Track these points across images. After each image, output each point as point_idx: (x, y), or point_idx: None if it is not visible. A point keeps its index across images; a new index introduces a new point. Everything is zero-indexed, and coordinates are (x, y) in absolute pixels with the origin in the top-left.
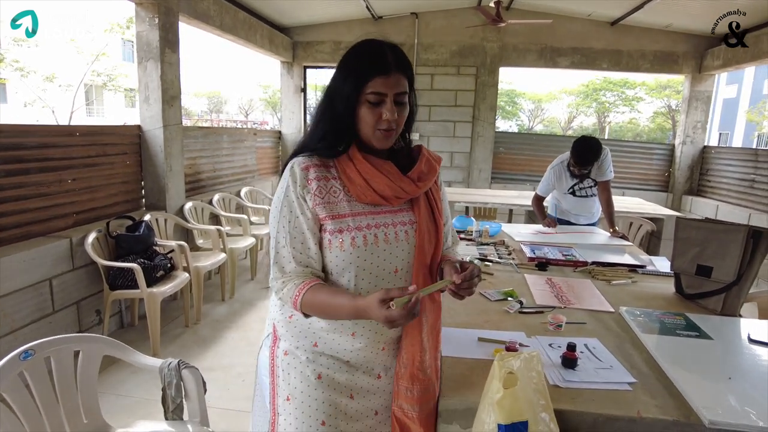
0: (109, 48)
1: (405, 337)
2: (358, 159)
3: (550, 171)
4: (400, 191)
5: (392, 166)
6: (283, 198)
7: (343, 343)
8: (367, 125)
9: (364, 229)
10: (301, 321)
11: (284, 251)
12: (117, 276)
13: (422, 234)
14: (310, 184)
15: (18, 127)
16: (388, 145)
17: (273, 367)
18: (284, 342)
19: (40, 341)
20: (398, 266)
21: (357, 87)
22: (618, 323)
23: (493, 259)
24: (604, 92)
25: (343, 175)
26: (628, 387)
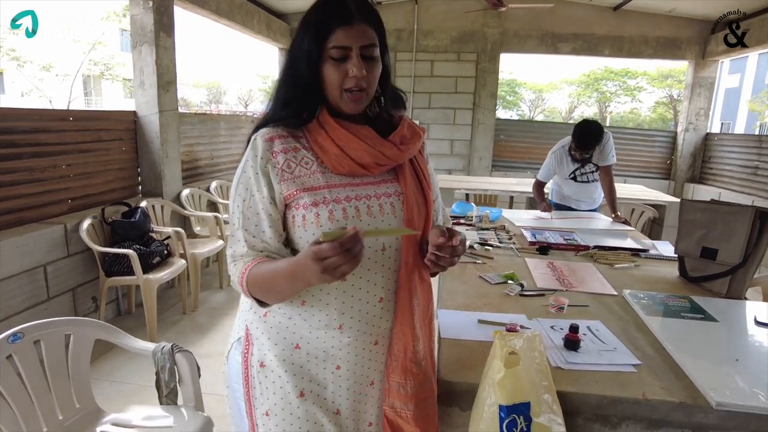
0: (106, 37)
1: (395, 325)
2: (330, 125)
3: (551, 156)
4: (381, 157)
5: (370, 131)
6: (240, 174)
7: (329, 340)
8: (332, 86)
9: (343, 201)
10: (278, 318)
11: (238, 234)
12: (113, 262)
13: (410, 206)
14: (276, 158)
15: (9, 111)
16: (359, 108)
17: (247, 378)
18: (259, 349)
19: (28, 324)
20: (385, 242)
21: (318, 42)
22: (621, 306)
23: (493, 244)
24: (606, 82)
25: (315, 145)
26: (633, 369)
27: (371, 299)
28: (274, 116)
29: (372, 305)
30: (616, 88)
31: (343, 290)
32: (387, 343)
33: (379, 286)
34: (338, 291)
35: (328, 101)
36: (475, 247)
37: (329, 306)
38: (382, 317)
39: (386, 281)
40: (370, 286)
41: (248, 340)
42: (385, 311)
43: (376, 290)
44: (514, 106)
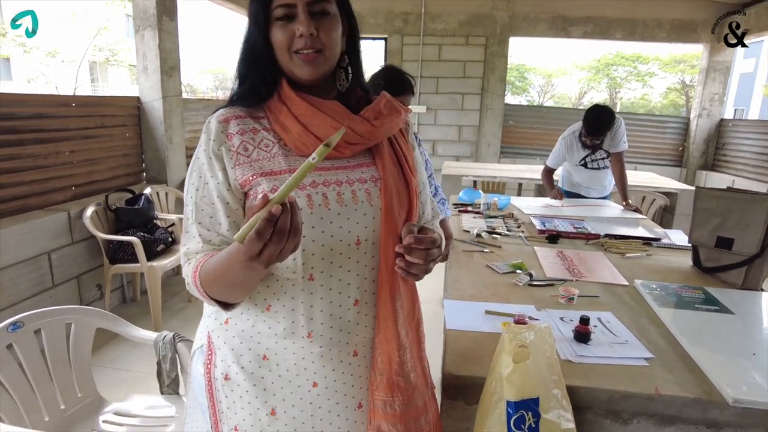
0: (111, 22)
1: (377, 332)
2: (292, 99)
3: (560, 142)
4: (350, 134)
5: (337, 104)
6: (193, 161)
7: (298, 351)
8: (281, 50)
9: (308, 187)
10: (241, 325)
11: (192, 228)
12: (117, 250)
13: (389, 193)
14: (231, 140)
15: (11, 96)
16: (315, 72)
17: (211, 391)
18: (222, 360)
19: (28, 313)
20: (360, 235)
21: (263, 4)
22: (633, 297)
23: (501, 232)
24: (616, 67)
25: (277, 125)
26: (645, 362)
27: (344, 302)
28: (233, 95)
29: (345, 309)
30: (627, 74)
31: (310, 291)
32: (370, 354)
33: (354, 286)
34: (304, 293)
35: (285, 72)
36: (482, 235)
37: (294, 311)
38: (359, 323)
39: (362, 281)
40: (342, 286)
41: (210, 349)
42: (363, 316)
43: (349, 291)
44: (523, 91)
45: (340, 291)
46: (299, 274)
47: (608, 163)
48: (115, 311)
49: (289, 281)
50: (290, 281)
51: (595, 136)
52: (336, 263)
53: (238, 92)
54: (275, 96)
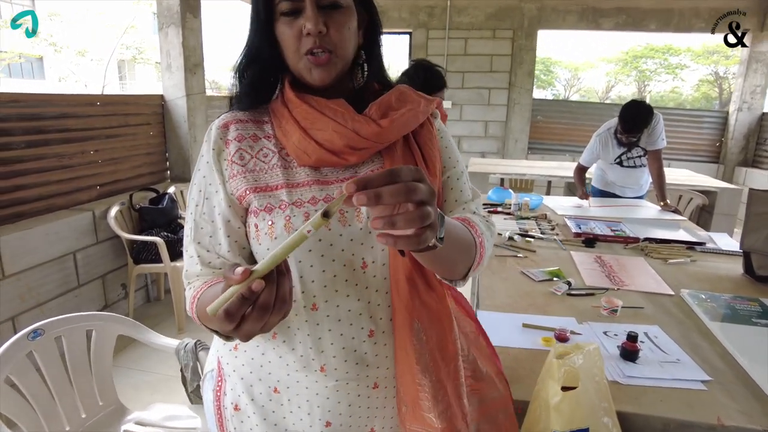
0: (137, 21)
1: (397, 366)
2: (292, 102)
3: (595, 139)
4: (355, 138)
5: (341, 103)
6: (195, 174)
7: (312, 385)
8: (289, 50)
9: (306, 204)
10: (251, 352)
11: (191, 248)
12: (141, 250)
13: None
14: (228, 147)
15: (37, 96)
16: (327, 76)
17: (221, 420)
18: (232, 388)
19: (49, 320)
20: (366, 257)
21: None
22: (680, 308)
23: (535, 235)
24: (645, 60)
25: (279, 131)
26: (702, 386)
27: (357, 333)
28: (231, 96)
29: (360, 341)
30: (657, 66)
31: (316, 323)
32: (392, 384)
33: (366, 315)
34: (309, 324)
35: (293, 74)
36: (515, 238)
37: (303, 344)
38: (378, 354)
39: (374, 308)
40: (353, 316)
41: (220, 375)
42: (381, 347)
43: (361, 321)
44: (548, 85)
45: (351, 322)
46: (300, 303)
47: (645, 161)
48: (139, 310)
49: (292, 311)
50: (292, 311)
51: (632, 134)
52: (342, 291)
53: (237, 93)
54: (279, 98)
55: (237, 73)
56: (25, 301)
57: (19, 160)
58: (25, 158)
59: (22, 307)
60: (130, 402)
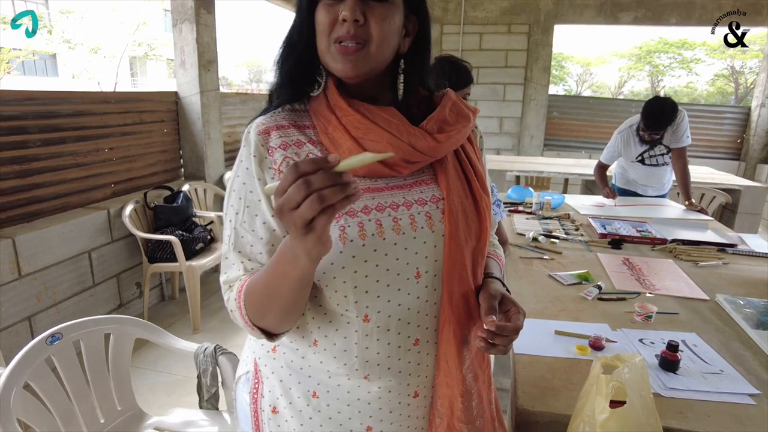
0: (149, 17)
1: (438, 375)
2: (342, 109)
3: (616, 136)
4: (411, 151)
5: (396, 114)
6: (233, 180)
7: (354, 390)
8: (321, 33)
9: (360, 214)
10: (290, 354)
11: (231, 256)
12: (156, 248)
13: (454, 216)
14: (272, 155)
15: (52, 94)
16: (352, 69)
17: (258, 423)
18: (270, 391)
19: (67, 324)
20: (420, 267)
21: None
22: (717, 314)
23: (559, 236)
24: (659, 54)
25: (325, 138)
26: (751, 400)
27: (403, 342)
28: (271, 90)
29: (405, 350)
30: (671, 61)
31: (365, 333)
32: (431, 394)
33: (414, 324)
34: (359, 334)
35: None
36: (539, 239)
37: (347, 353)
38: (420, 363)
39: (422, 318)
40: (402, 326)
41: (257, 377)
42: (424, 355)
43: (409, 330)
44: (560, 80)
45: (399, 331)
46: (351, 313)
47: (668, 160)
48: (153, 309)
49: (342, 317)
50: (344, 317)
51: (655, 131)
52: (394, 300)
53: (276, 87)
54: (323, 101)
55: (277, 63)
56: (42, 300)
57: (35, 158)
58: (41, 156)
59: (39, 306)
60: (146, 404)
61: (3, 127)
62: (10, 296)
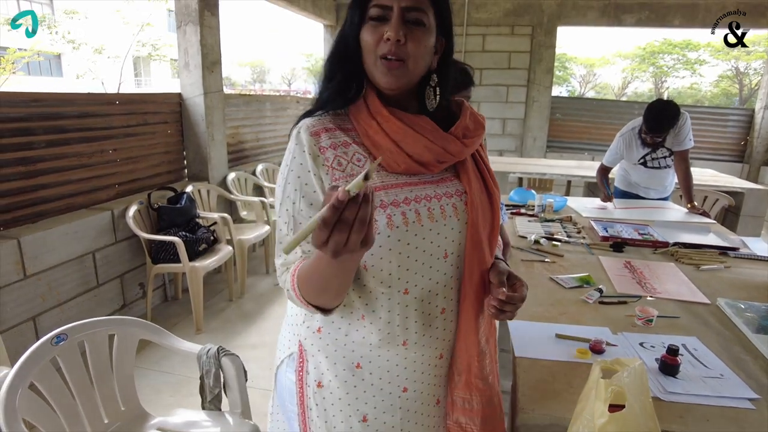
0: (153, 18)
1: (458, 339)
2: (382, 115)
3: (619, 139)
4: (443, 153)
5: (428, 122)
6: (287, 173)
7: (393, 358)
8: (367, 51)
9: (402, 204)
10: (334, 333)
11: (287, 240)
12: (159, 249)
13: (474, 207)
14: (324, 153)
15: (57, 96)
16: (394, 82)
17: (303, 398)
18: (315, 367)
19: (72, 324)
20: (447, 249)
21: (361, 4)
22: (718, 318)
23: (561, 238)
24: (663, 55)
25: (366, 140)
26: (750, 405)
27: (433, 311)
28: (320, 96)
29: (434, 317)
30: (675, 62)
31: (406, 304)
32: (451, 356)
33: (441, 296)
34: (400, 306)
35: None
36: (541, 242)
37: (390, 323)
38: (446, 329)
39: (448, 291)
40: (432, 296)
41: (302, 356)
42: (448, 322)
43: (437, 301)
44: (563, 81)
45: (430, 301)
46: (395, 288)
47: (670, 162)
48: (156, 310)
49: (384, 294)
50: (385, 294)
51: (657, 134)
52: (426, 276)
53: (326, 93)
54: (363, 108)
55: (325, 74)
56: (46, 300)
57: (40, 159)
58: (45, 157)
59: (43, 306)
60: (150, 404)
61: (9, 129)
62: (15, 296)
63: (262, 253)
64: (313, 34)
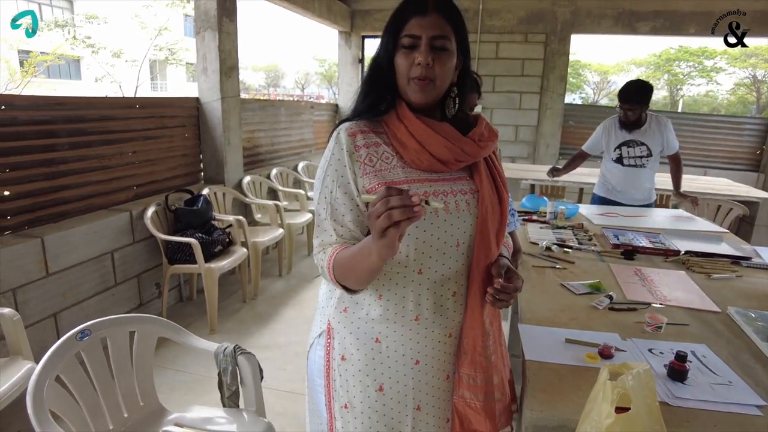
0: (170, 23)
1: (466, 320)
2: (409, 119)
3: (600, 126)
4: (461, 153)
5: (449, 127)
6: (326, 167)
7: (406, 333)
8: (401, 74)
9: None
10: (358, 312)
11: (326, 224)
12: (176, 250)
13: (484, 204)
14: (359, 151)
15: (80, 100)
16: (425, 98)
17: (328, 370)
18: (340, 342)
19: (95, 321)
20: (459, 239)
21: (395, 32)
22: (728, 327)
23: (572, 245)
24: (679, 63)
25: (395, 141)
26: (758, 411)
27: (444, 293)
28: (356, 108)
29: (446, 298)
30: (690, 69)
31: (419, 283)
32: (458, 335)
33: (453, 280)
34: (414, 284)
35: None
36: (552, 248)
37: (405, 298)
38: (456, 310)
39: (459, 276)
40: (444, 279)
41: (330, 334)
42: (458, 305)
43: (449, 284)
44: (577, 88)
45: (442, 284)
46: (410, 267)
47: (646, 163)
48: (171, 310)
49: (399, 274)
50: (400, 274)
51: (630, 105)
52: (440, 261)
53: (362, 106)
54: (393, 115)
55: (362, 90)
56: (67, 298)
57: (62, 161)
58: (68, 159)
59: (63, 304)
60: (165, 401)
61: (35, 131)
62: (39, 293)
63: (275, 256)
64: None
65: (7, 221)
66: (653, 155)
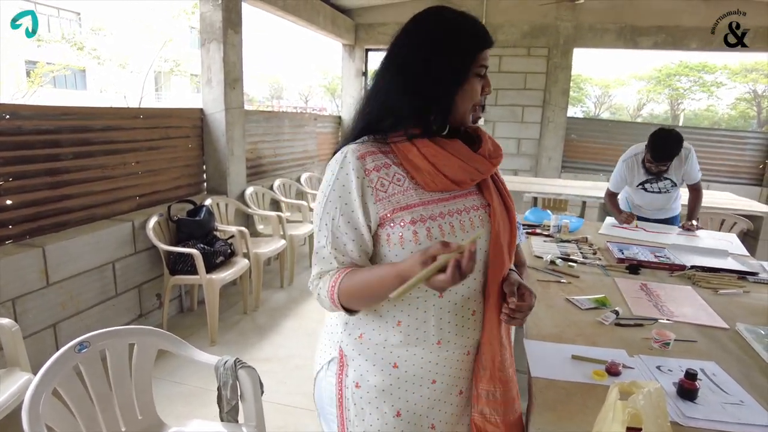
0: (176, 34)
1: (483, 336)
2: (422, 142)
3: (621, 164)
4: (475, 172)
5: (461, 145)
6: (329, 192)
7: (427, 356)
8: (468, 99)
9: (438, 218)
10: (375, 339)
11: (325, 252)
12: (177, 261)
13: (497, 219)
14: (369, 176)
15: (85, 110)
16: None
17: (341, 399)
18: (355, 370)
19: (94, 333)
20: (477, 256)
21: (468, 58)
22: (737, 343)
23: (577, 259)
24: (679, 77)
25: (406, 162)
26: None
27: (465, 313)
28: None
29: (466, 318)
30: (691, 84)
31: (440, 307)
32: (475, 352)
33: (472, 299)
34: (435, 308)
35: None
36: (557, 262)
37: (426, 323)
38: (474, 329)
39: (476, 294)
40: (464, 300)
41: (342, 361)
42: (476, 323)
43: (468, 304)
44: (578, 102)
45: (462, 304)
46: (430, 292)
47: (671, 188)
48: (172, 321)
49: (419, 299)
50: (421, 299)
51: (661, 162)
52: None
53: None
54: (401, 134)
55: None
56: (66, 308)
57: (66, 170)
58: (71, 169)
59: (63, 314)
60: (163, 414)
61: (40, 141)
62: (38, 303)
63: (277, 267)
64: (330, 52)
65: (9, 230)
66: (677, 185)
